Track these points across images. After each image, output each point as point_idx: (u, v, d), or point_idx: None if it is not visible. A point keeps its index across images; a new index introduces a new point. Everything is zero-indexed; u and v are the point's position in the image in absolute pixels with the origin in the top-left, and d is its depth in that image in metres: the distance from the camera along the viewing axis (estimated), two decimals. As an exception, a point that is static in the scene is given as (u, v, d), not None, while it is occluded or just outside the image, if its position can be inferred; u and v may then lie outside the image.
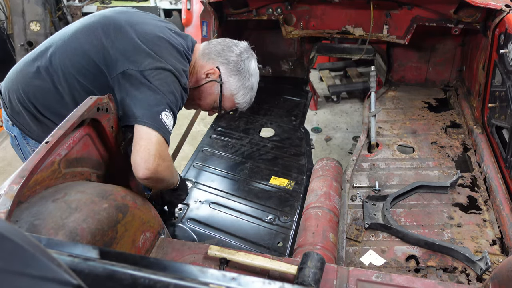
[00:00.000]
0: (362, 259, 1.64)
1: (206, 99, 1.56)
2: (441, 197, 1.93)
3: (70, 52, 1.42)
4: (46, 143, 1.14)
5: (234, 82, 1.51)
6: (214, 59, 1.51)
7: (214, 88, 1.52)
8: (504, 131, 2.03)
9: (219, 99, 1.53)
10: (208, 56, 1.51)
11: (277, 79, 3.38)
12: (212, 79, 1.50)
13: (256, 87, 1.61)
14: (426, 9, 2.48)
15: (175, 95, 1.36)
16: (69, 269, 0.48)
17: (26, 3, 4.71)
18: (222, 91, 1.52)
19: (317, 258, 1.15)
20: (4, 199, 0.97)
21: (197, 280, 0.59)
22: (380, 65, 3.30)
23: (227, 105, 1.57)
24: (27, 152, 1.62)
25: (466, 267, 1.55)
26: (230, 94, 1.53)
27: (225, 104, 1.56)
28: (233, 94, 1.54)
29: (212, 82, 1.50)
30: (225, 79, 1.51)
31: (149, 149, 1.25)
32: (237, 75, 1.51)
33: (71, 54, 1.41)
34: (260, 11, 2.74)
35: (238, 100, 1.56)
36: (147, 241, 1.33)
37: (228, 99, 1.55)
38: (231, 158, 2.33)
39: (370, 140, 2.38)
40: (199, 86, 1.52)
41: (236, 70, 1.50)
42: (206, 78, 1.50)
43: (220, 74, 1.50)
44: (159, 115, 1.28)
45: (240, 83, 1.52)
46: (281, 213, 1.91)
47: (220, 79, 1.50)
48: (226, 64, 1.50)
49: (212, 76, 1.50)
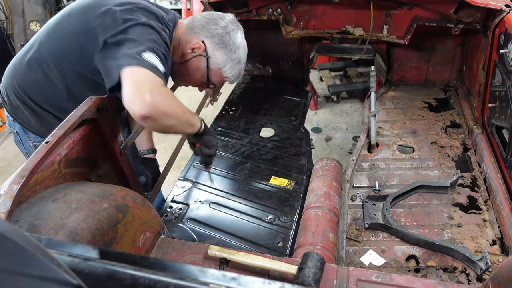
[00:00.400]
0: (362, 259, 1.64)
1: (194, 75, 1.53)
2: (441, 197, 1.93)
3: (56, 38, 1.43)
4: (46, 143, 1.15)
5: (220, 56, 1.48)
6: (198, 33, 1.48)
7: (200, 62, 1.49)
8: (504, 131, 2.03)
9: (207, 74, 1.50)
10: (192, 31, 1.49)
11: (277, 79, 3.38)
12: (198, 53, 1.47)
13: (245, 60, 1.57)
14: (426, 9, 2.48)
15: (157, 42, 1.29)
16: (69, 269, 0.48)
17: (26, 3, 4.71)
18: (208, 65, 1.49)
19: (317, 258, 1.15)
20: (4, 199, 0.97)
21: (197, 280, 0.59)
22: (380, 65, 3.30)
23: (216, 79, 1.55)
24: (28, 147, 1.66)
25: (466, 267, 1.55)
26: (217, 68, 1.50)
27: (213, 78, 1.54)
28: (220, 68, 1.50)
29: (199, 57, 1.48)
30: (211, 53, 1.47)
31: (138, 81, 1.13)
32: (223, 48, 1.47)
33: (57, 40, 1.42)
34: (260, 11, 2.73)
35: (226, 73, 1.53)
36: (147, 241, 1.33)
37: (215, 73, 1.52)
38: (231, 158, 2.33)
39: (370, 140, 2.38)
40: (185, 62, 1.50)
41: (222, 43, 1.46)
42: (192, 53, 1.48)
43: (205, 48, 1.46)
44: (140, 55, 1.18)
45: (226, 56, 1.48)
46: (281, 213, 1.91)
47: (206, 53, 1.47)
48: (211, 38, 1.46)
49: (197, 51, 1.47)
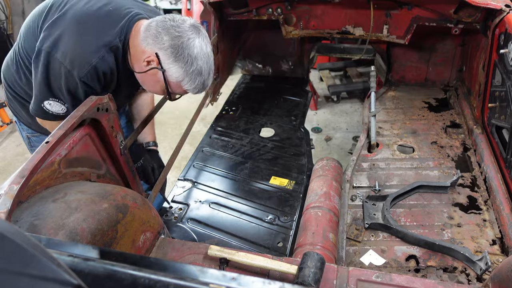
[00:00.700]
0: (362, 259, 1.64)
1: (154, 86, 1.46)
2: (441, 197, 1.93)
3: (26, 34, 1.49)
4: (46, 143, 1.15)
5: (176, 69, 1.36)
6: (151, 44, 1.36)
7: (158, 75, 1.40)
8: (504, 131, 2.03)
9: (166, 87, 1.42)
10: (146, 41, 1.37)
11: (277, 79, 3.38)
12: (152, 66, 1.38)
13: (208, 69, 1.42)
14: (426, 9, 2.48)
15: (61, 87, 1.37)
16: (69, 269, 0.48)
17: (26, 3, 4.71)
18: (166, 78, 1.40)
19: (317, 258, 1.15)
20: (4, 199, 0.97)
21: (197, 280, 0.59)
22: (380, 65, 3.30)
23: (177, 91, 1.47)
24: (24, 137, 1.80)
25: (466, 267, 1.55)
26: (176, 80, 1.40)
27: (174, 90, 1.46)
28: (178, 81, 1.40)
29: (155, 70, 1.38)
30: (166, 66, 1.36)
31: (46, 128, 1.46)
32: (177, 61, 1.35)
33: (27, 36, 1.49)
34: (260, 11, 2.73)
35: (186, 87, 1.42)
36: (147, 241, 1.33)
37: (175, 86, 1.43)
38: (231, 158, 2.33)
39: (370, 140, 2.38)
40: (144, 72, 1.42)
41: (175, 56, 1.34)
42: (147, 66, 1.39)
43: (159, 61, 1.36)
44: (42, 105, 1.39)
45: (182, 70, 1.36)
46: (281, 213, 1.91)
47: (161, 67, 1.37)
48: (164, 50, 1.35)
49: (152, 63, 1.38)
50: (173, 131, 3.93)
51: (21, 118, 1.70)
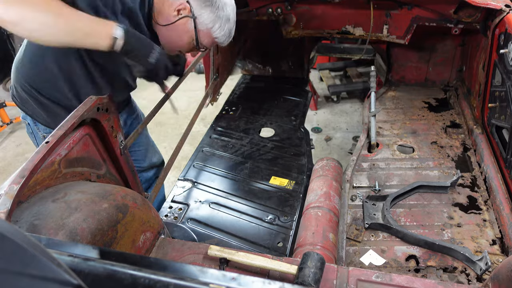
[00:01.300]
0: (362, 259, 1.64)
1: (182, 38, 1.46)
2: (441, 197, 1.93)
3: None
4: (46, 143, 1.15)
5: (207, 14, 1.41)
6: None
7: (188, 24, 1.42)
8: (504, 131, 2.03)
9: (195, 35, 1.44)
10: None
11: (277, 79, 3.38)
12: (183, 15, 1.40)
13: (234, 18, 1.49)
14: (426, 9, 2.48)
15: None
16: (69, 269, 0.48)
17: (26, 3, 4.70)
18: (196, 26, 1.42)
19: (317, 258, 1.15)
20: (4, 199, 0.97)
21: (197, 280, 0.59)
22: (380, 65, 3.30)
23: (206, 40, 1.48)
24: (39, 138, 1.71)
25: (466, 267, 1.55)
26: (206, 28, 1.43)
27: (203, 40, 1.47)
28: (208, 28, 1.44)
29: (185, 19, 1.41)
30: (198, 13, 1.40)
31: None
32: (209, 6, 1.40)
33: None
34: (260, 11, 2.73)
35: (216, 33, 1.46)
36: (147, 241, 1.33)
37: (205, 34, 1.45)
38: (231, 158, 2.33)
39: (370, 140, 2.38)
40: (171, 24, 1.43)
41: (208, 1, 1.39)
42: (177, 15, 1.41)
43: (191, 8, 1.39)
44: None
45: (214, 15, 1.41)
46: (281, 213, 1.91)
47: (193, 14, 1.40)
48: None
49: (183, 12, 1.40)
50: (173, 131, 3.93)
51: (38, 118, 1.63)
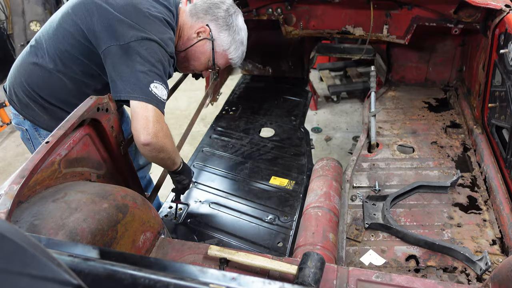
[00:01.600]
0: (362, 259, 1.64)
1: (199, 59, 1.58)
2: (441, 197, 1.93)
3: (61, 38, 1.45)
4: (46, 143, 1.15)
5: (225, 37, 1.54)
6: (202, 17, 1.53)
7: (206, 46, 1.55)
8: (504, 131, 2.03)
9: (212, 57, 1.56)
10: (196, 16, 1.54)
11: (277, 79, 3.38)
12: (203, 37, 1.53)
13: (246, 42, 1.64)
14: (426, 9, 2.48)
15: (163, 63, 1.38)
16: (69, 269, 0.48)
17: (26, 3, 4.71)
18: (214, 48, 1.54)
19: (317, 258, 1.15)
20: (4, 199, 0.97)
21: (197, 280, 0.59)
22: (380, 65, 3.30)
23: (221, 61, 1.60)
24: (38, 144, 1.69)
25: (466, 267, 1.55)
26: (222, 50, 1.56)
27: (218, 61, 1.59)
28: (225, 49, 1.56)
29: (204, 41, 1.54)
30: (216, 36, 1.53)
31: (146, 116, 1.31)
32: (227, 30, 1.53)
33: (63, 40, 1.44)
34: (260, 11, 2.74)
35: (231, 55, 1.59)
36: (147, 241, 1.33)
37: (221, 56, 1.58)
38: (231, 158, 2.33)
39: (370, 140, 2.38)
40: (190, 47, 1.56)
41: (226, 25, 1.53)
42: (197, 37, 1.54)
43: (210, 31, 1.52)
44: (148, 88, 1.32)
45: (230, 38, 1.55)
46: (281, 213, 1.91)
47: (211, 37, 1.53)
48: (215, 21, 1.52)
49: (202, 34, 1.53)
50: (173, 131, 3.91)
51: (40, 123, 1.62)
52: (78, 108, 1.25)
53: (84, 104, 1.27)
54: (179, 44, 1.56)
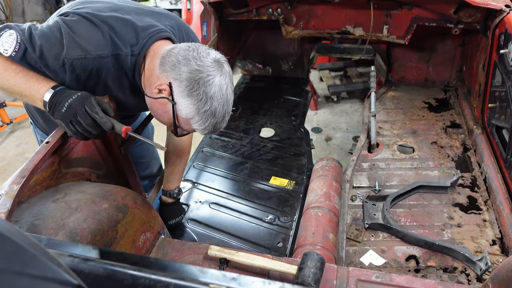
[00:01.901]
0: (362, 259, 1.64)
1: (162, 116, 1.29)
2: (441, 197, 1.93)
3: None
4: (46, 143, 1.15)
5: (187, 105, 1.19)
6: (168, 71, 1.21)
7: (167, 106, 1.23)
8: (504, 131, 2.03)
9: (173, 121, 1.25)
10: (163, 67, 1.22)
11: (277, 79, 3.38)
12: (164, 96, 1.21)
13: (223, 112, 1.24)
14: (426, 9, 2.48)
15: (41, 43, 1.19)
16: (69, 269, 0.48)
17: (26, 3, 4.71)
18: (175, 112, 1.22)
19: (317, 258, 1.15)
20: (5, 199, 0.97)
21: (197, 280, 0.59)
22: (380, 65, 3.30)
23: (185, 127, 1.27)
24: (38, 140, 1.69)
25: (466, 267, 1.55)
26: (185, 117, 1.22)
27: (181, 125, 1.27)
28: (188, 118, 1.22)
29: (165, 100, 1.22)
30: (177, 99, 1.20)
31: None
32: (190, 97, 1.18)
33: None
34: (260, 11, 2.74)
35: (195, 126, 1.23)
36: (147, 241, 1.33)
37: (184, 122, 1.25)
38: (231, 158, 2.33)
39: (370, 140, 2.38)
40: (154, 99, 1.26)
41: (189, 91, 1.18)
42: (158, 94, 1.23)
43: (171, 92, 1.20)
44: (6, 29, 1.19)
45: (194, 107, 1.19)
46: (281, 213, 1.91)
47: (172, 98, 1.20)
48: (178, 81, 1.19)
49: (164, 93, 1.21)
50: (173, 131, 3.92)
51: (37, 123, 1.62)
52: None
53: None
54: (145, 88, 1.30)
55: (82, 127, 1.17)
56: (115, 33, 1.25)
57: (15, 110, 4.18)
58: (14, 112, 4.13)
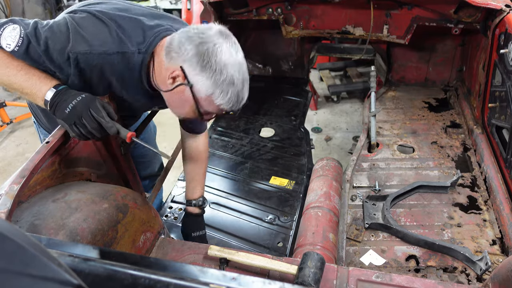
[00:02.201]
0: (362, 259, 1.64)
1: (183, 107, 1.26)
2: (441, 197, 1.93)
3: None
4: (46, 143, 1.15)
5: (204, 81, 1.17)
6: (175, 58, 1.19)
7: (185, 93, 1.21)
8: (504, 131, 2.03)
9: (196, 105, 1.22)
10: (170, 55, 1.21)
11: (277, 79, 3.38)
12: (179, 82, 1.20)
13: (242, 78, 1.21)
14: (426, 9, 2.48)
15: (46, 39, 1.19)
16: (70, 269, 0.48)
17: (26, 3, 4.72)
18: (195, 94, 1.20)
19: (317, 258, 1.15)
20: (5, 198, 0.97)
21: (197, 280, 0.59)
22: (380, 65, 3.30)
23: (210, 108, 1.24)
24: (41, 139, 1.69)
25: (466, 267, 1.55)
26: (205, 95, 1.20)
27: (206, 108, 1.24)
28: (208, 94, 1.19)
29: (182, 86, 1.20)
30: (193, 80, 1.17)
31: None
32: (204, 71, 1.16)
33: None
34: (260, 11, 2.73)
35: (218, 101, 1.20)
36: (147, 241, 1.33)
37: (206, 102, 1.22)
38: (231, 158, 2.33)
39: (370, 140, 2.38)
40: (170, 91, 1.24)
41: (201, 66, 1.16)
42: (173, 83, 1.21)
43: (185, 75, 1.18)
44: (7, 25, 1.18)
45: (211, 80, 1.17)
46: (281, 213, 1.91)
47: (188, 81, 1.18)
48: (188, 61, 1.17)
49: (178, 79, 1.20)
50: (173, 131, 3.92)
51: (41, 122, 1.62)
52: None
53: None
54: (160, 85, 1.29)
55: (86, 130, 1.16)
56: (122, 31, 1.24)
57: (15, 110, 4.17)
58: (14, 112, 4.13)
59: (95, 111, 1.16)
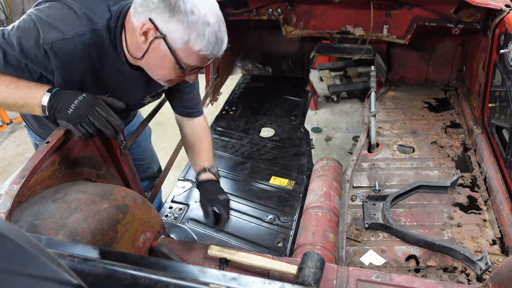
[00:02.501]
0: (362, 259, 1.64)
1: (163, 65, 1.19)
2: (441, 197, 1.93)
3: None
4: (46, 143, 1.15)
5: (176, 27, 1.10)
6: (142, 12, 1.12)
7: (161, 47, 1.14)
8: (504, 131, 2.03)
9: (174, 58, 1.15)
10: (136, 12, 1.14)
11: (277, 79, 3.38)
12: (152, 37, 1.13)
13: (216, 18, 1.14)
14: (426, 9, 2.48)
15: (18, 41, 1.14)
16: (70, 269, 0.48)
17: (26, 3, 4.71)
18: (170, 46, 1.13)
19: (317, 258, 1.15)
20: (5, 198, 0.97)
21: (197, 280, 0.59)
22: (380, 65, 3.30)
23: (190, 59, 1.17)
24: (33, 143, 1.67)
25: (466, 267, 1.55)
26: (182, 44, 1.12)
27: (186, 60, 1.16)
28: (184, 41, 1.12)
29: (155, 41, 1.14)
30: (164, 29, 1.11)
31: None
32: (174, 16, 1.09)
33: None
34: (260, 11, 2.73)
35: (196, 46, 1.12)
36: (147, 241, 1.33)
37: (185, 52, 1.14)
38: (231, 158, 2.33)
39: (370, 140, 2.38)
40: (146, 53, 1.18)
41: (169, 11, 1.09)
42: (146, 40, 1.15)
43: (156, 26, 1.11)
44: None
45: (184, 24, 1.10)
46: (281, 213, 1.91)
47: (160, 32, 1.11)
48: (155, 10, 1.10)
49: (150, 33, 1.13)
50: (173, 131, 3.93)
51: (31, 126, 1.61)
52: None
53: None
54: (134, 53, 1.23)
55: (94, 128, 1.14)
56: (89, 10, 1.20)
57: (15, 110, 4.17)
58: (14, 112, 4.13)
59: (101, 109, 1.15)
